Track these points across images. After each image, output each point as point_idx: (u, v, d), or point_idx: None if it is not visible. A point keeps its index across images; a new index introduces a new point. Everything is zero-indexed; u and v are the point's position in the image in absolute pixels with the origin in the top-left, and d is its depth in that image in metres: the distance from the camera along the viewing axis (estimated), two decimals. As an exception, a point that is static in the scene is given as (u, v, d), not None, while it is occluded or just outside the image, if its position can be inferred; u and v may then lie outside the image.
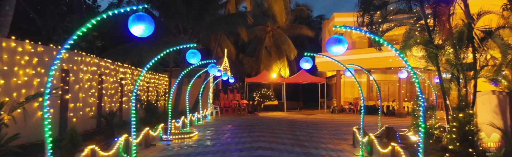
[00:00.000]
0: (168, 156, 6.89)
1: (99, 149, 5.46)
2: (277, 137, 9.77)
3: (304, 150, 7.58)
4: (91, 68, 9.13)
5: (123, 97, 11.58)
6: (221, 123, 14.10)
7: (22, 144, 5.74)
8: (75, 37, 3.90)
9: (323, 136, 10.16)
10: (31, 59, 6.68)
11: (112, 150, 5.92)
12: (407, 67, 5.34)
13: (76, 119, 8.15)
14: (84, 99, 8.74)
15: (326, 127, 12.59)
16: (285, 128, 12.19)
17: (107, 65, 10.21)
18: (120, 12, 3.85)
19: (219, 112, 18.25)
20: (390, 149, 6.10)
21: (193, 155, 7.01)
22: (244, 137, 9.63)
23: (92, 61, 9.19)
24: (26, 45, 6.52)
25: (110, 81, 10.48)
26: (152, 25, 3.93)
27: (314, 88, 24.23)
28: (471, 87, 8.05)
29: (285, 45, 26.81)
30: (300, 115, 19.15)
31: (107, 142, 6.25)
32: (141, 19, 3.86)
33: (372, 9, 8.87)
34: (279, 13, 22.43)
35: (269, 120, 15.33)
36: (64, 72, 7.72)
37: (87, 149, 5.14)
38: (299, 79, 22.87)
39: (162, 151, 7.44)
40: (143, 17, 3.87)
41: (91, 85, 9.20)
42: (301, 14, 29.38)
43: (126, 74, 11.85)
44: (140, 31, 3.90)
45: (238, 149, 7.66)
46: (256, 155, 7.00)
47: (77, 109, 8.36)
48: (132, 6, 4.00)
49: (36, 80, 6.84)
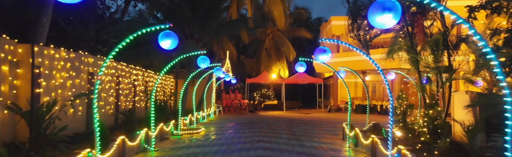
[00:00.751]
0: (181, 147, 8.02)
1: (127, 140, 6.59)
2: (275, 132, 10.89)
3: (299, 143, 8.70)
4: (111, 71, 10.26)
5: (136, 97, 12.70)
6: (224, 121, 15.22)
7: (67, 135, 6.87)
8: (117, 49, 5.01)
9: (318, 132, 11.28)
10: (65, 64, 7.81)
11: (136, 141, 7.05)
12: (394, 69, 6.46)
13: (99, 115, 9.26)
14: (105, 98, 9.88)
15: (322, 125, 13.70)
16: (283, 125, 13.31)
17: (123, 68, 11.34)
18: (152, 30, 4.96)
19: (222, 111, 19.37)
20: (370, 140, 7.22)
21: (202, 146, 8.14)
22: (246, 133, 10.75)
23: (111, 65, 10.33)
24: (62, 52, 7.64)
25: (125, 82, 11.60)
26: (177, 40, 5.05)
27: (313, 88, 25.33)
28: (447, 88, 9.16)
29: (284, 47, 27.91)
30: (298, 114, 20.26)
31: (131, 135, 7.35)
32: (169, 35, 4.97)
33: (360, 19, 9.99)
34: (279, 17, 23.55)
35: (269, 119, 16.46)
36: (90, 74, 8.86)
37: (119, 139, 6.27)
38: (298, 79, 23.97)
39: (176, 143, 8.57)
40: (170, 34, 5.00)
41: (110, 86, 10.33)
42: (300, 17, 30.51)
43: (138, 75, 12.97)
44: (167, 45, 5.03)
45: (241, 142, 8.79)
46: (257, 146, 8.12)
47: (100, 107, 9.49)
48: (161, 25, 5.10)
49: (69, 82, 7.97)
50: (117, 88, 10.78)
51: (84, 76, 8.68)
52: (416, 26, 8.45)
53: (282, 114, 20.04)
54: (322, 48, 5.81)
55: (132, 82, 12.31)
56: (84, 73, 8.68)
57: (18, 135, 6.31)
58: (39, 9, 7.41)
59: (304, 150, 7.68)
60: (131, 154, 6.83)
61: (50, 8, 7.44)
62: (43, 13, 7.36)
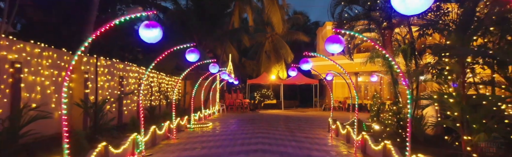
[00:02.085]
0: (196, 136, 9.97)
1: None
2: (273, 127, 12.83)
3: (292, 134, 10.65)
4: (134, 74, 12.21)
5: (152, 96, 14.65)
6: (228, 118, 17.17)
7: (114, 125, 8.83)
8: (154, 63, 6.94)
9: (309, 126, 13.22)
10: (104, 70, 9.76)
11: (162, 130, 9.00)
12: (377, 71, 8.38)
13: (127, 111, 11.26)
14: (130, 97, 11.83)
15: (314, 121, 15.64)
16: (280, 121, 15.26)
17: (142, 72, 13.29)
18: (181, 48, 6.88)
19: (225, 109, 21.32)
20: (346, 130, 9.17)
21: (213, 135, 10.10)
22: (248, 127, 12.69)
23: (135, 69, 12.28)
24: (102, 60, 9.60)
25: (144, 83, 13.56)
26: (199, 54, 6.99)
27: (310, 89, 27.26)
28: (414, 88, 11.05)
29: (283, 49, 29.80)
30: (295, 112, 22.21)
31: (158, 126, 9.28)
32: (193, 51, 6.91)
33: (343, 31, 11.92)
34: (277, 23, 25.46)
35: (268, 116, 18.41)
36: (121, 78, 10.81)
37: (152, 128, 8.21)
38: (295, 80, 25.88)
39: (191, 134, 10.52)
40: (194, 50, 6.91)
41: (134, 87, 12.28)
42: (298, 21, 32.42)
43: (153, 78, 14.93)
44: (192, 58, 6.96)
45: (244, 133, 10.73)
46: (257, 136, 10.06)
47: (127, 104, 11.45)
48: (187, 44, 7.02)
49: (106, 84, 9.92)
50: (139, 89, 12.72)
51: (117, 79, 10.63)
52: (386, 39, 10.39)
53: (281, 112, 21.99)
54: (305, 59, 7.72)
55: (150, 84, 14.26)
56: (117, 76, 10.63)
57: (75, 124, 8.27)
58: (84, 26, 9.36)
59: (295, 138, 9.63)
60: (160, 140, 8.78)
61: (91, 25, 9.38)
62: (87, 30, 9.29)
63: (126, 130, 8.62)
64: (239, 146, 8.29)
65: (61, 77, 7.95)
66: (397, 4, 3.38)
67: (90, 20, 9.46)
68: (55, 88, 7.68)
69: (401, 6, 3.38)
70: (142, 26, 5.10)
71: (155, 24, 5.13)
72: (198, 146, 8.13)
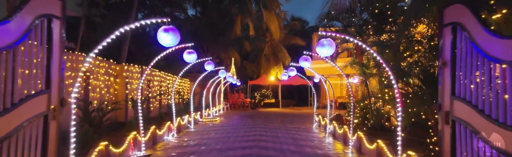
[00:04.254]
0: (209, 127, 12.72)
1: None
2: (270, 121, 15.59)
3: (284, 126, 13.41)
4: (157, 78, 14.99)
5: (168, 96, 17.45)
6: (231, 114, 19.93)
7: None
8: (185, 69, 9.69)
9: (301, 120, 15.98)
10: (137, 75, 12.53)
11: (183, 122, 11.77)
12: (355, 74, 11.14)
13: (153, 108, 14.06)
14: (154, 97, 14.61)
15: (307, 117, 18.36)
16: (278, 117, 18.01)
17: (162, 75, 16.08)
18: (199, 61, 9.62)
19: (229, 107, 24.07)
20: (325, 122, 11.92)
21: (222, 126, 12.87)
22: (249, 121, 15.45)
23: (158, 74, 15.06)
24: (136, 68, 12.37)
25: (163, 85, 16.34)
26: (214, 65, 9.73)
27: (306, 89, 29.94)
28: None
29: (281, 53, 32.46)
30: (291, 110, 24.96)
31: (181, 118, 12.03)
32: (210, 63, 9.66)
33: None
34: (275, 31, 28.19)
35: (267, 113, 21.18)
36: (148, 81, 13.60)
37: (178, 119, 10.97)
38: (292, 81, 28.59)
39: (204, 126, 13.29)
40: (211, 62, 9.65)
41: (157, 89, 15.06)
42: (295, 27, 35.17)
43: (169, 80, 17.71)
44: (210, 68, 9.71)
45: (246, 125, 13.50)
46: (256, 127, 12.82)
47: (151, 102, 14.23)
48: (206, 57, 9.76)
49: (134, 86, 12.71)
50: (160, 90, 15.52)
51: (145, 82, 13.41)
52: (357, 49, 13.15)
53: (278, 110, 24.75)
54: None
55: (167, 85, 17.06)
56: (145, 80, 13.41)
57: (119, 116, 11.06)
58: (122, 40, 12.19)
59: (286, 128, 12.40)
60: (183, 128, 11.55)
61: (128, 39, 12.22)
62: (124, 43, 12.12)
63: (156, 121, 11.39)
64: (242, 132, 11.06)
65: (109, 82, 10.72)
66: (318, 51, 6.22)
67: (127, 36, 12.28)
68: (107, 90, 10.46)
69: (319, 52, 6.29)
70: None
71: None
72: (212, 132, 10.91)
